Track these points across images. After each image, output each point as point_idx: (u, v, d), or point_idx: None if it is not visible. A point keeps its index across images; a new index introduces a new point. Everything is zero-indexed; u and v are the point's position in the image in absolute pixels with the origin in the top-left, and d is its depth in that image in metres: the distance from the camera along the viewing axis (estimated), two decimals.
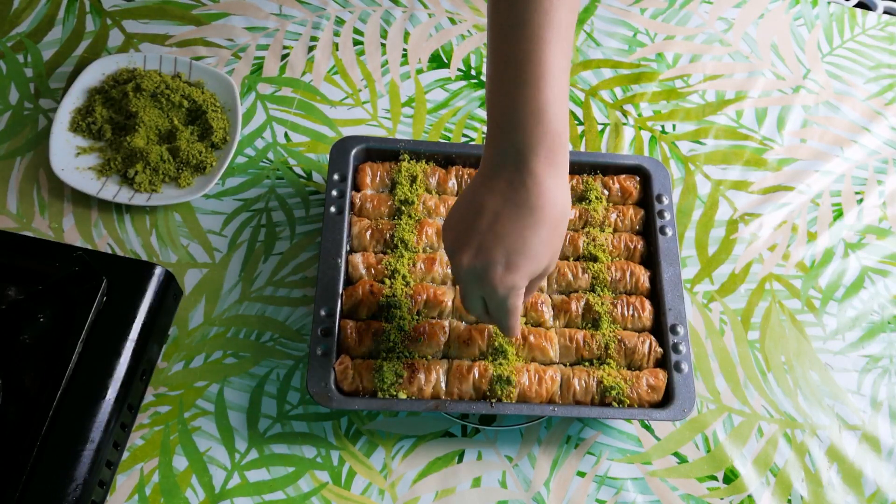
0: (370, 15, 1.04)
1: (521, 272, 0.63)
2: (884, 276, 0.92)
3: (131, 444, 0.76)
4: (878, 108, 1.04)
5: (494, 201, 0.62)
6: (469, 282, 0.65)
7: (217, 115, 0.91)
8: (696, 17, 1.09)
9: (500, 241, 0.62)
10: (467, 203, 0.65)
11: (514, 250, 0.62)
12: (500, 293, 0.63)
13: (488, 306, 0.67)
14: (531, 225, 0.61)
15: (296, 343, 0.82)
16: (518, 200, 0.61)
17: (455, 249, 0.65)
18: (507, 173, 0.61)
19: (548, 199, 0.61)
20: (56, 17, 1.00)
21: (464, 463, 0.78)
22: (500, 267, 0.62)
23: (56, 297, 0.73)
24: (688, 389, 0.76)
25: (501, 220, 0.62)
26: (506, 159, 0.61)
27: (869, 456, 0.81)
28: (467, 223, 0.64)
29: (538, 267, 0.64)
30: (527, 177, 0.61)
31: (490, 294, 0.64)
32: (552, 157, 0.61)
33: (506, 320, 0.67)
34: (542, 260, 0.63)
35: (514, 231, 0.61)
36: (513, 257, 0.62)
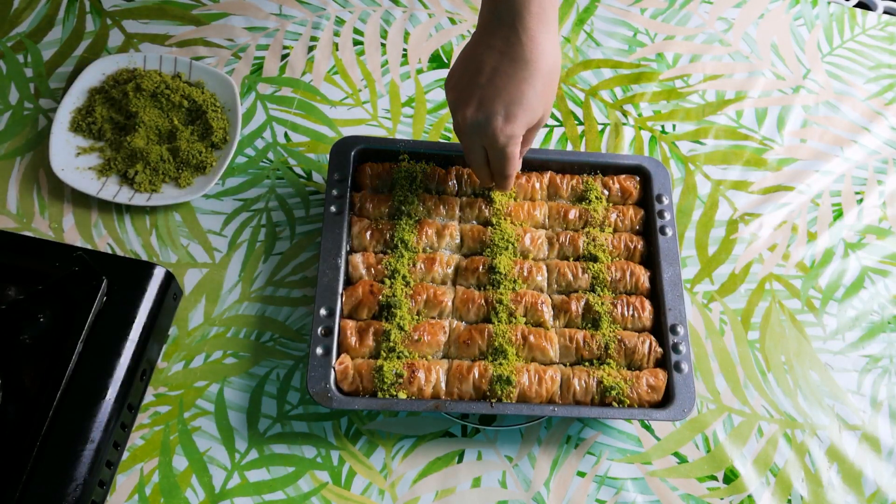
0: (370, 15, 1.04)
1: (519, 122, 0.69)
2: (884, 276, 0.92)
3: (131, 444, 0.76)
4: (878, 108, 1.04)
5: (492, 58, 0.68)
6: (471, 134, 0.71)
7: (217, 115, 0.91)
8: (696, 17, 1.09)
9: (499, 93, 0.68)
10: (466, 62, 0.71)
11: (512, 101, 0.68)
12: (501, 141, 0.70)
13: (489, 156, 0.73)
14: (527, 78, 0.68)
15: (296, 343, 0.82)
16: (514, 55, 0.67)
17: (457, 105, 0.71)
18: (503, 31, 0.67)
19: (541, 52, 0.67)
20: (56, 17, 1.00)
21: (464, 463, 0.78)
22: (500, 118, 0.69)
23: (56, 297, 0.73)
24: (688, 389, 0.76)
25: (499, 75, 0.68)
26: (500, 18, 0.67)
27: (869, 456, 0.81)
28: (468, 80, 0.70)
29: (534, 117, 0.70)
30: (521, 33, 0.67)
31: (491, 143, 0.71)
32: (543, 14, 0.67)
33: (505, 168, 0.74)
34: (537, 110, 0.70)
35: (512, 84, 0.68)
36: (511, 108, 0.68)
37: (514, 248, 0.83)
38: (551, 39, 0.68)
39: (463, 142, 0.75)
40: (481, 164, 0.75)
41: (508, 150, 0.72)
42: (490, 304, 0.79)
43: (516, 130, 0.70)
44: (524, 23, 0.66)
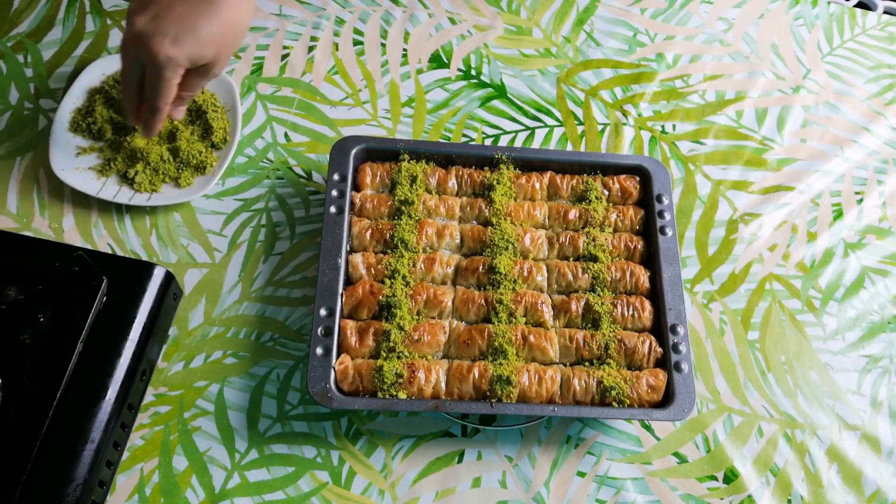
0: (370, 15, 1.04)
1: (184, 50, 0.71)
2: (884, 276, 0.92)
3: (131, 444, 0.76)
4: (878, 108, 1.04)
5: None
6: (135, 45, 0.72)
7: (217, 115, 0.91)
8: (696, 17, 1.09)
9: (175, 17, 0.71)
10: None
11: (184, 29, 0.71)
12: (161, 60, 0.71)
13: (145, 78, 0.73)
14: (205, 14, 0.71)
15: (296, 343, 0.82)
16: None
17: (132, 13, 0.72)
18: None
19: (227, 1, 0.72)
20: (56, 17, 1.00)
21: (464, 463, 0.78)
22: (167, 38, 0.70)
23: (56, 297, 0.73)
24: (688, 389, 0.76)
25: (182, 2, 0.71)
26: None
27: (869, 456, 0.81)
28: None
29: (201, 54, 0.72)
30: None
31: (151, 60, 0.71)
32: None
33: (157, 95, 0.74)
34: (207, 48, 0.72)
35: (190, 14, 0.71)
36: (181, 35, 0.70)
37: (514, 248, 0.83)
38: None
39: (123, 56, 0.75)
40: (134, 84, 0.75)
41: (166, 72, 0.72)
42: (490, 304, 0.79)
43: (178, 57, 0.71)
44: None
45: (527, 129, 0.98)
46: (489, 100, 1.00)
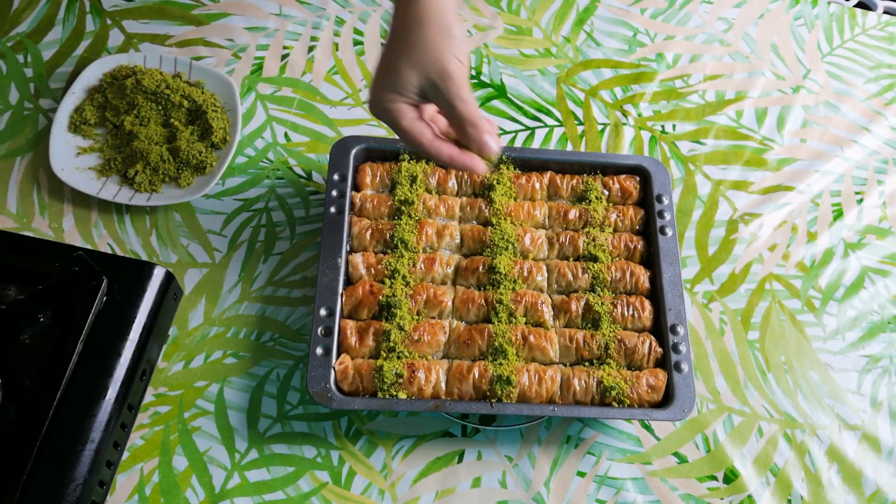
0: (370, 15, 1.04)
1: (375, 86, 0.68)
2: (884, 276, 0.92)
3: (131, 444, 0.76)
4: (878, 108, 1.04)
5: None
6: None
7: (217, 115, 0.91)
8: (696, 17, 1.09)
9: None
10: None
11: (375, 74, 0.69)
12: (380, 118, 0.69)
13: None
14: (385, 51, 0.68)
15: (296, 343, 0.82)
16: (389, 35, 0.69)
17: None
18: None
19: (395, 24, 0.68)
20: (56, 17, 1.00)
21: (464, 463, 0.78)
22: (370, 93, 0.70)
23: (56, 297, 0.73)
24: (688, 389, 0.76)
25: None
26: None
27: (869, 456, 0.81)
28: None
29: (390, 79, 0.67)
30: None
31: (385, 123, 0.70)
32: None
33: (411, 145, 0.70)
34: (389, 73, 0.67)
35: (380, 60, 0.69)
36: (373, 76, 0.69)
37: (514, 248, 0.83)
38: (401, 5, 0.67)
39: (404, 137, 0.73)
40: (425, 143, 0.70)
41: (398, 126, 0.68)
42: (490, 304, 0.79)
43: (374, 95, 0.68)
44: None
45: (527, 129, 0.98)
46: (489, 100, 1.00)
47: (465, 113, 0.66)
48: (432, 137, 0.68)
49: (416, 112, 0.68)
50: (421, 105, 0.69)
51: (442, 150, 0.68)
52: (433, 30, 0.66)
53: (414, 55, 0.66)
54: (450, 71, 0.65)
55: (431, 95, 0.67)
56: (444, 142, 0.68)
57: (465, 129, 0.67)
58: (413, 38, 0.66)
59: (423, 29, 0.65)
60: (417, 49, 0.66)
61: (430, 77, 0.66)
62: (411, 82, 0.66)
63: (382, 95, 0.67)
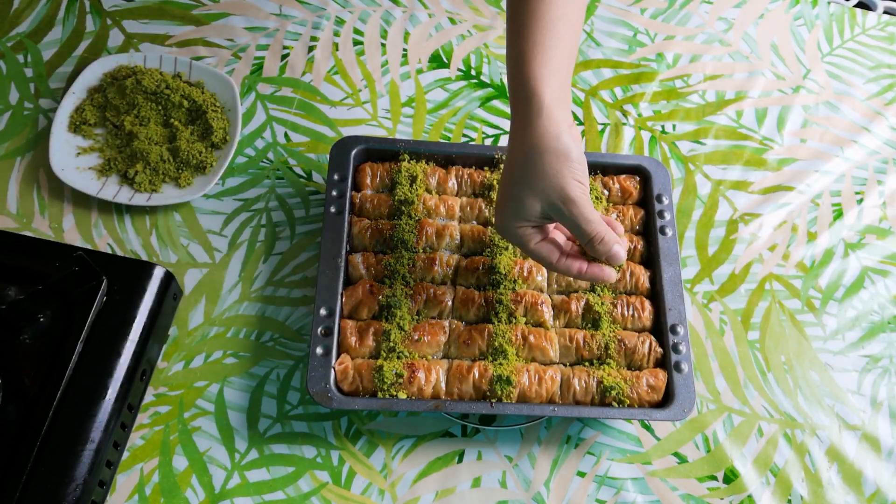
0: (370, 15, 1.04)
1: (501, 214, 0.70)
2: (884, 276, 0.92)
3: (131, 444, 0.76)
4: (878, 108, 1.04)
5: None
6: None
7: (217, 115, 0.91)
8: (696, 17, 1.09)
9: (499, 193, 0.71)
10: None
11: (497, 203, 0.71)
12: (512, 241, 0.72)
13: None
14: (504, 179, 0.69)
15: (296, 343, 0.82)
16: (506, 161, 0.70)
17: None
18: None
19: (511, 149, 0.69)
20: (56, 17, 1.00)
21: (464, 463, 0.78)
22: (496, 221, 0.72)
23: (56, 297, 0.73)
24: (688, 389, 0.76)
25: (500, 186, 0.71)
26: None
27: (869, 456, 0.81)
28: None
29: (515, 209, 0.69)
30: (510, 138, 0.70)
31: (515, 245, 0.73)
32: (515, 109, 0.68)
33: (542, 264, 0.72)
34: (513, 202, 0.69)
35: (503, 183, 0.70)
36: (497, 208, 0.71)
37: (514, 248, 0.83)
38: (517, 130, 0.68)
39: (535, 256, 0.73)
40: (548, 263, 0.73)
41: (515, 244, 0.71)
42: (490, 304, 0.79)
43: (500, 222, 0.70)
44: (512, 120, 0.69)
45: None
46: (489, 100, 1.00)
47: (591, 232, 0.68)
48: (560, 256, 0.71)
49: (542, 233, 0.71)
50: (545, 225, 0.71)
51: (571, 268, 0.71)
52: (551, 157, 0.66)
53: (535, 184, 0.67)
54: (572, 196, 0.67)
55: (556, 218, 0.68)
56: (573, 259, 0.71)
57: (593, 246, 0.69)
58: (533, 168, 0.67)
59: (541, 158, 0.66)
60: (538, 177, 0.67)
61: (553, 203, 0.67)
62: (535, 210, 0.68)
63: (509, 224, 0.70)
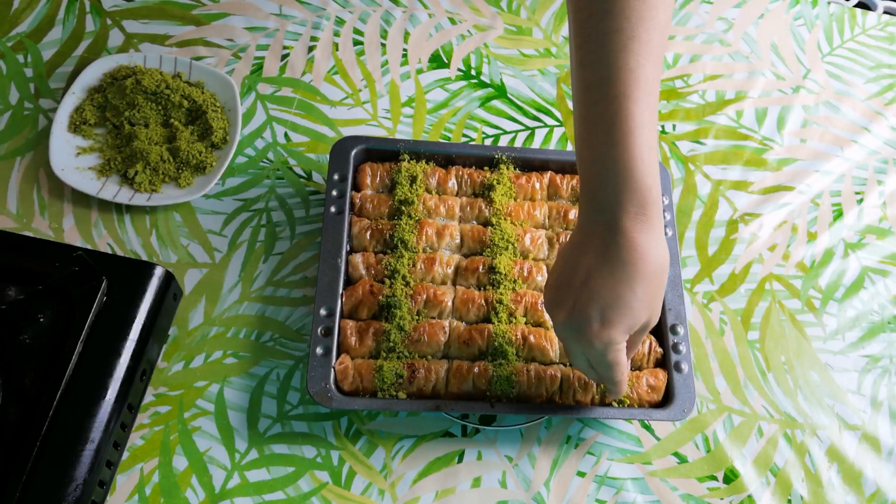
0: (370, 15, 1.04)
1: (618, 327, 0.63)
2: (884, 276, 0.92)
3: (131, 444, 0.76)
4: (878, 108, 1.04)
5: (588, 259, 0.63)
6: (568, 338, 0.66)
7: (217, 115, 0.91)
8: (696, 17, 1.09)
9: (595, 297, 0.62)
10: (563, 262, 0.66)
11: (609, 305, 0.62)
12: (598, 347, 0.64)
13: (590, 361, 0.67)
14: (624, 280, 0.62)
15: (296, 343, 0.82)
16: (610, 257, 0.62)
17: (552, 308, 0.66)
18: (599, 231, 0.62)
19: (640, 254, 0.61)
20: (56, 17, 1.00)
21: (464, 463, 0.78)
22: (595, 323, 0.63)
23: (56, 297, 0.73)
24: (688, 389, 0.76)
25: (595, 277, 0.62)
26: (597, 217, 0.62)
27: (869, 456, 0.81)
28: (563, 281, 0.65)
29: (636, 321, 0.64)
30: (617, 234, 0.61)
31: (587, 348, 0.65)
32: (643, 212, 0.61)
33: (609, 375, 0.68)
34: (639, 314, 0.63)
35: (608, 287, 0.62)
36: (607, 312, 0.62)
37: (514, 248, 0.83)
38: (653, 238, 0.62)
39: (564, 346, 0.70)
40: (586, 368, 0.69)
41: (608, 356, 0.65)
42: (490, 304, 0.79)
43: (614, 336, 0.63)
44: (620, 224, 0.61)
45: (527, 129, 0.98)
46: (489, 100, 1.00)
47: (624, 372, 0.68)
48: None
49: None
50: None
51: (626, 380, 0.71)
52: (660, 275, 0.64)
53: (650, 299, 0.63)
54: (659, 312, 0.66)
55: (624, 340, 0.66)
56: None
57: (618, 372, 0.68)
58: (661, 280, 0.64)
59: (664, 273, 0.64)
60: (659, 293, 0.64)
61: (645, 326, 0.66)
62: (638, 323, 0.64)
63: (619, 333, 0.64)
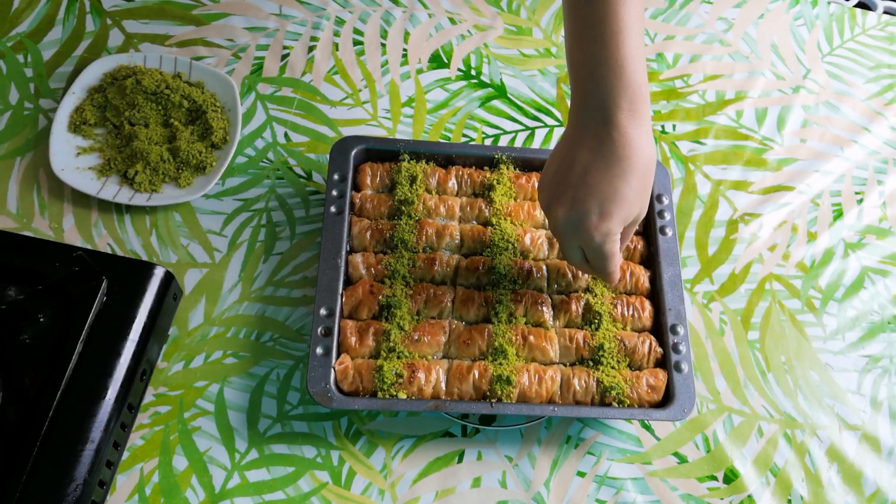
0: (370, 15, 1.04)
1: (615, 219, 0.67)
2: (884, 276, 0.92)
3: (131, 444, 0.76)
4: (878, 108, 1.04)
5: (584, 155, 0.67)
6: (566, 233, 0.69)
7: (217, 115, 0.91)
8: (696, 17, 1.09)
9: (592, 191, 0.66)
10: (559, 160, 0.69)
11: (606, 198, 0.66)
12: (597, 240, 0.68)
13: (587, 255, 0.71)
14: (620, 174, 0.66)
15: (296, 343, 0.82)
16: (605, 152, 0.66)
17: (550, 205, 0.69)
18: (594, 128, 0.66)
19: (634, 148, 0.65)
20: (56, 17, 1.00)
21: (464, 463, 0.78)
22: (594, 216, 0.67)
23: (56, 297, 0.73)
24: (688, 389, 0.76)
25: (592, 172, 0.66)
26: (591, 115, 0.66)
27: (869, 456, 0.81)
28: (560, 179, 0.68)
29: (630, 213, 0.68)
30: (612, 129, 0.65)
31: (587, 242, 0.69)
32: (634, 109, 0.65)
33: (604, 266, 0.72)
34: (633, 205, 0.67)
35: (605, 181, 0.66)
36: (605, 205, 0.66)
37: (514, 248, 0.83)
38: (644, 133, 0.66)
39: (559, 241, 0.72)
40: (580, 262, 0.73)
41: (605, 248, 0.69)
42: (490, 304, 0.79)
43: (612, 227, 0.68)
44: (614, 119, 0.65)
45: (527, 129, 0.98)
46: (489, 100, 1.00)
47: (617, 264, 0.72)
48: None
49: None
50: None
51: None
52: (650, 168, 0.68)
53: (645, 192, 0.68)
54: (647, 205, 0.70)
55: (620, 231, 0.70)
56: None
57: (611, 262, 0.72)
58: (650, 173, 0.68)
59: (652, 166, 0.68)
60: (649, 186, 0.68)
61: (638, 217, 0.70)
62: (631, 215, 0.69)
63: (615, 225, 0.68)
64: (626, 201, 0.67)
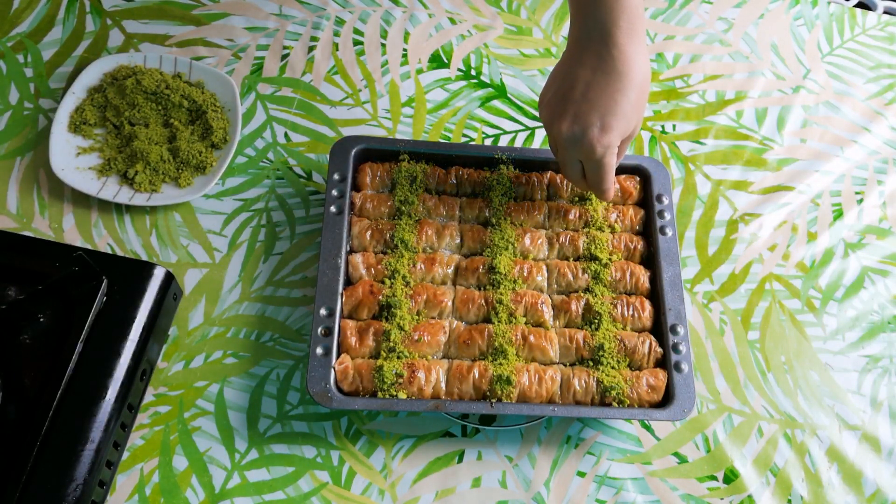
0: (370, 15, 1.04)
1: (615, 131, 0.71)
2: (884, 276, 0.92)
3: (131, 444, 0.76)
4: (878, 108, 1.04)
5: (584, 73, 0.71)
6: (568, 147, 0.73)
7: (217, 115, 0.91)
8: (696, 17, 1.09)
9: (594, 106, 0.70)
10: (559, 79, 0.73)
11: (607, 112, 0.70)
12: (598, 152, 0.72)
13: (586, 168, 0.75)
14: (620, 89, 0.70)
15: (296, 343, 0.82)
16: (606, 69, 0.70)
17: (553, 120, 0.73)
18: (594, 46, 0.70)
19: (632, 64, 0.69)
20: (56, 17, 1.00)
21: (464, 463, 0.78)
22: (595, 129, 0.70)
23: (56, 297, 0.73)
24: (688, 389, 0.76)
25: (593, 88, 0.70)
26: (591, 34, 0.70)
27: (869, 456, 0.81)
28: (561, 96, 0.72)
29: (628, 126, 0.72)
30: (612, 47, 0.69)
31: (588, 155, 0.72)
32: (631, 28, 0.69)
33: (602, 181, 0.76)
34: (631, 119, 0.71)
35: (606, 96, 0.70)
36: (606, 119, 0.70)
37: (514, 248, 0.83)
38: (641, 51, 0.70)
39: (559, 156, 0.76)
40: (578, 177, 0.77)
41: (605, 160, 0.73)
42: (490, 304, 0.79)
43: (613, 140, 0.71)
44: (614, 38, 0.69)
45: (527, 129, 0.98)
46: (489, 100, 1.00)
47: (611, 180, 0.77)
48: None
49: None
50: None
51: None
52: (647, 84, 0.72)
53: (640, 107, 0.72)
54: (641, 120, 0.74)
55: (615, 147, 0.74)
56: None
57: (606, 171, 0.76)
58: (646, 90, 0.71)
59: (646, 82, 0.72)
60: (644, 102, 0.72)
61: (632, 133, 0.74)
62: (628, 131, 0.72)
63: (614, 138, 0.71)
64: (625, 115, 0.70)
